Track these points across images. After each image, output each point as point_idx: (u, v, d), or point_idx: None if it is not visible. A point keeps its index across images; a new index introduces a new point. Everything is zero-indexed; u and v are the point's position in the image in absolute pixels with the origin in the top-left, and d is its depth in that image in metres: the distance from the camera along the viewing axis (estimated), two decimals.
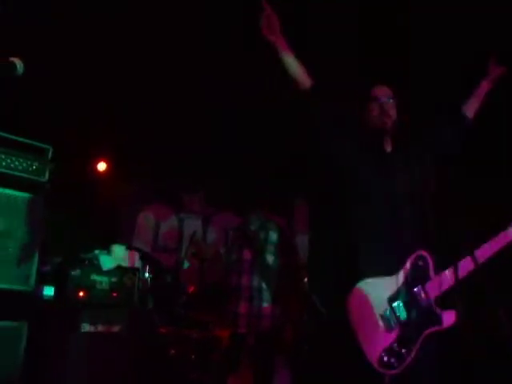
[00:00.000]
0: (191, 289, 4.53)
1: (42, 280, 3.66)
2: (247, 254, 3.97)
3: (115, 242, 4.45)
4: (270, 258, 3.96)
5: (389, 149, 2.66)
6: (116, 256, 3.99)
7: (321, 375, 3.62)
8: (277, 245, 4.00)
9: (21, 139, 3.56)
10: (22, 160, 3.55)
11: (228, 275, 4.07)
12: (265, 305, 3.87)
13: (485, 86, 2.75)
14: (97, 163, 6.06)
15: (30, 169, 3.63)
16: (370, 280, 2.35)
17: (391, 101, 2.63)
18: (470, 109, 2.75)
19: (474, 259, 2.27)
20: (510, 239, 2.36)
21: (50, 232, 3.72)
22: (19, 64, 2.16)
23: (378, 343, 2.26)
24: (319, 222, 6.07)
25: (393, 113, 2.61)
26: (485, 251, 2.32)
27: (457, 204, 2.64)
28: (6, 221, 3.37)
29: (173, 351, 4.01)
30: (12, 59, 2.16)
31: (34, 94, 4.69)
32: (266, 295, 3.90)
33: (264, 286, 3.89)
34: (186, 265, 5.17)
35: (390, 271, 2.36)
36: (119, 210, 6.11)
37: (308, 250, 6.11)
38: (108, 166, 6.10)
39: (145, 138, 5.64)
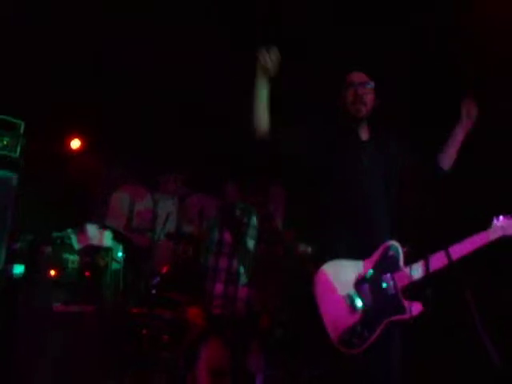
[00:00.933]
0: (164, 269, 4.51)
1: (12, 258, 3.60)
2: (228, 237, 3.97)
3: (88, 220, 4.41)
4: (250, 242, 3.97)
5: (365, 136, 2.65)
6: (89, 236, 3.95)
7: (293, 357, 3.66)
8: (258, 229, 4.01)
9: None
10: None
11: (206, 255, 4.07)
12: (241, 289, 3.88)
13: (460, 135, 2.59)
14: (70, 140, 5.94)
15: (1, 144, 3.54)
16: (338, 261, 2.38)
17: (367, 86, 2.60)
18: (446, 160, 2.62)
19: (448, 255, 2.28)
20: (488, 240, 2.38)
21: (21, 209, 3.65)
22: None
23: (340, 322, 2.29)
24: (295, 208, 6.10)
25: (369, 99, 2.58)
26: (461, 249, 2.34)
27: (437, 198, 2.65)
28: None
29: (145, 331, 3.99)
30: None
31: (5, 69, 4.57)
32: (243, 279, 3.91)
33: (242, 269, 3.90)
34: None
35: (361, 256, 2.39)
36: (93, 189, 6.03)
37: None
38: (82, 144, 5.99)
39: (121, 117, 5.56)
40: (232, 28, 4.44)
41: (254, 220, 4.04)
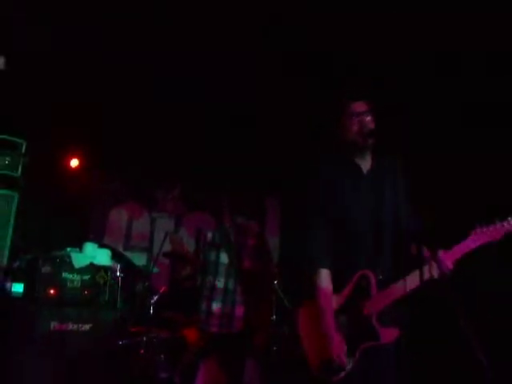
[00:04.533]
0: (162, 289, 4.53)
1: (12, 276, 3.62)
2: (224, 256, 4.00)
3: (87, 239, 4.43)
4: (247, 263, 4.01)
5: (367, 167, 2.61)
6: (88, 254, 3.97)
7: (288, 375, 3.68)
8: (253, 250, 4.05)
9: None
10: None
11: (203, 275, 4.09)
12: (237, 307, 3.91)
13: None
14: (69, 160, 5.99)
15: (3, 163, 3.59)
16: None
17: (369, 116, 2.57)
18: None
19: (421, 273, 2.29)
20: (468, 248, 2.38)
21: (21, 228, 3.68)
22: (1, 60, 2.15)
23: (320, 352, 2.34)
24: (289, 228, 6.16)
25: (372, 127, 2.55)
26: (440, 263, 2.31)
27: None
28: None
29: (142, 351, 4.00)
30: None
31: (7, 89, 4.63)
32: (240, 298, 3.94)
33: (239, 288, 3.93)
34: (156, 270, 5.16)
35: (340, 289, 2.44)
36: (91, 208, 6.06)
37: (279, 252, 6.16)
38: (80, 163, 6.04)
39: (119, 135, 5.61)
40: None
41: (250, 240, 4.08)
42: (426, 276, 2.30)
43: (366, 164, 2.62)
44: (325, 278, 2.42)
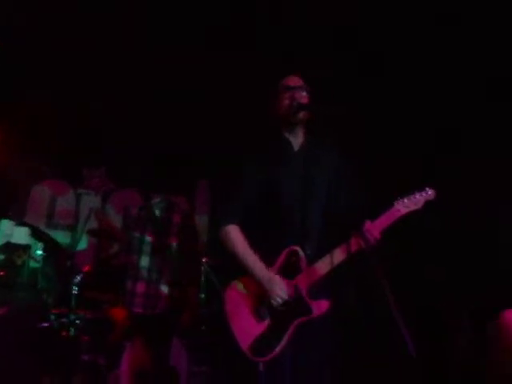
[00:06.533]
0: (86, 268, 4.36)
1: None
2: (149, 235, 3.90)
3: (4, 216, 4.20)
4: (172, 241, 3.93)
5: (298, 143, 2.60)
6: (3, 232, 3.76)
7: (216, 355, 3.67)
8: (180, 227, 3.96)
9: None
10: None
11: (127, 254, 3.98)
12: (162, 287, 3.84)
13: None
14: None
15: None
16: (245, 275, 2.44)
17: (304, 90, 2.56)
18: None
19: (348, 246, 2.32)
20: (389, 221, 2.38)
21: None
22: None
23: (249, 333, 2.34)
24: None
25: (304, 102, 2.53)
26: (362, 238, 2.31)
27: None
28: None
29: (65, 333, 3.85)
30: None
31: None
32: (165, 277, 3.86)
33: (164, 267, 3.86)
34: (83, 245, 4.98)
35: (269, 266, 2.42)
36: (11, 184, 5.73)
37: (209, 230, 6.10)
38: (1, 136, 5.68)
39: (42, 109, 5.33)
40: None
41: (176, 218, 4.00)
42: (354, 248, 2.31)
43: (297, 140, 2.60)
44: (233, 229, 2.49)
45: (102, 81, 5.10)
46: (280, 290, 2.33)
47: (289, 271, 2.38)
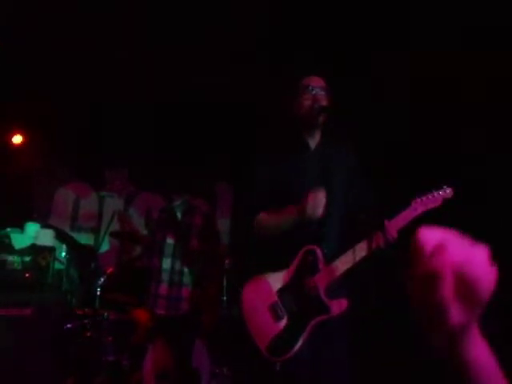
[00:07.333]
0: (109, 270, 4.41)
1: None
2: (171, 238, 3.93)
3: (29, 219, 4.26)
4: (194, 243, 3.95)
5: (314, 144, 2.60)
6: (29, 234, 3.82)
7: (238, 357, 3.67)
8: (201, 229, 3.98)
9: None
10: None
11: (150, 256, 4.01)
12: (185, 288, 3.86)
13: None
14: (12, 136, 5.71)
15: None
16: (262, 275, 2.43)
17: (324, 91, 2.54)
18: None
19: (369, 244, 2.31)
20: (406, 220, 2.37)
21: None
22: None
23: (266, 333, 2.32)
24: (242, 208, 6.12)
25: (325, 104, 2.50)
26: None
27: None
28: None
29: (89, 333, 3.89)
30: None
31: None
32: (187, 279, 3.88)
33: (185, 269, 3.88)
34: (105, 247, 5.03)
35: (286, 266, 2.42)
36: (35, 186, 5.82)
37: (230, 233, 6.11)
38: (24, 139, 5.78)
39: (65, 111, 5.40)
40: None
41: (198, 220, 4.02)
42: (373, 246, 2.30)
43: (314, 141, 2.60)
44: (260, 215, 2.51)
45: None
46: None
47: (306, 271, 2.38)
